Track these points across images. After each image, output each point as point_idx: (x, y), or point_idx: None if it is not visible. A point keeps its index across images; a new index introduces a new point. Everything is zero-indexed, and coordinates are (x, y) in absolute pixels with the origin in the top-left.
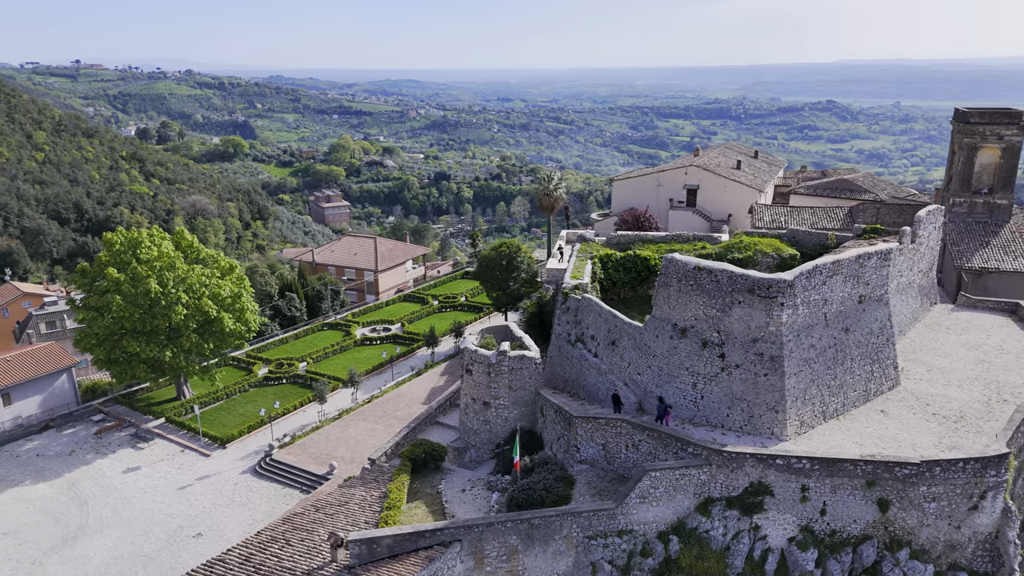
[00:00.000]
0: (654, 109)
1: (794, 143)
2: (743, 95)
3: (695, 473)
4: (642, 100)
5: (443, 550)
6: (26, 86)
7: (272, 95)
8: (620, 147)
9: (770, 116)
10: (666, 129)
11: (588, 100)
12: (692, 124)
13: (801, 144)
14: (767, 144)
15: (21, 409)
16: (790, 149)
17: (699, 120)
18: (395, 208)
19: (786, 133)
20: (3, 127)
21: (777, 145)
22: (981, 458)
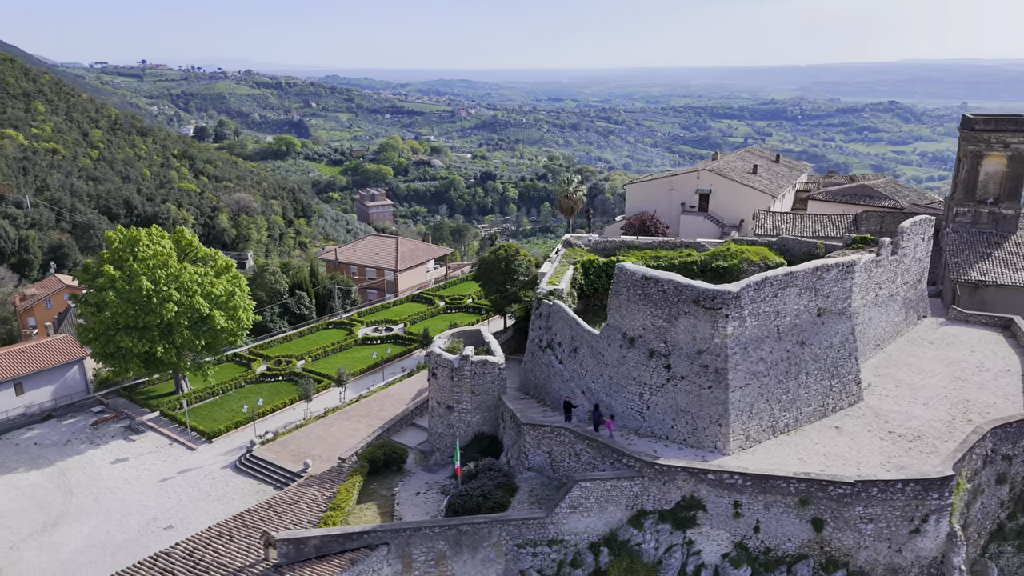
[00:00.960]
0: (707, 109)
1: (852, 145)
2: (800, 95)
3: (627, 485)
4: (695, 100)
5: (369, 553)
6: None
7: (327, 95)
8: (671, 148)
9: (828, 117)
10: (719, 130)
11: (640, 100)
12: (746, 125)
13: (860, 146)
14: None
15: (33, 398)
16: (848, 151)
17: (753, 121)
18: (441, 207)
19: (844, 135)
20: (61, 125)
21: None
22: (922, 480)
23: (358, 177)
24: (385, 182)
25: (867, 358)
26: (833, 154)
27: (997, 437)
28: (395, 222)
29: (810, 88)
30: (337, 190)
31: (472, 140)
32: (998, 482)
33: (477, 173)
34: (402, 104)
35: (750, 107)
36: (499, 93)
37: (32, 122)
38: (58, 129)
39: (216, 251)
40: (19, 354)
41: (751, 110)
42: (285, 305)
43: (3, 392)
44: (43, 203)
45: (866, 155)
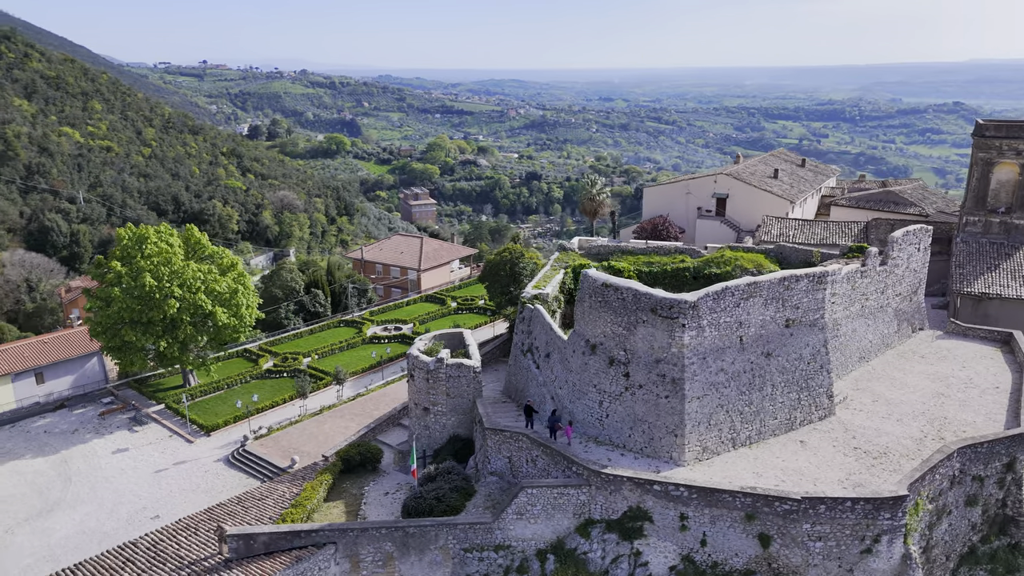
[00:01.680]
0: (761, 110)
1: (913, 147)
2: (859, 96)
3: (574, 493)
4: (749, 100)
5: (316, 551)
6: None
7: (379, 94)
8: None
9: (888, 119)
10: (773, 131)
11: (692, 100)
12: (801, 126)
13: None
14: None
15: (53, 387)
16: (908, 153)
17: (809, 122)
18: (486, 207)
19: (905, 136)
20: (117, 124)
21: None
22: (873, 499)
23: (405, 176)
24: (431, 181)
25: (849, 371)
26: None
27: (966, 457)
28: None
29: (870, 88)
30: (384, 189)
31: (520, 140)
32: (968, 504)
33: (522, 173)
34: (452, 104)
35: (806, 108)
36: (549, 93)
37: (89, 120)
38: (113, 127)
39: (223, 249)
40: (41, 345)
41: (807, 111)
42: (301, 303)
43: (25, 381)
44: (95, 199)
45: (928, 157)
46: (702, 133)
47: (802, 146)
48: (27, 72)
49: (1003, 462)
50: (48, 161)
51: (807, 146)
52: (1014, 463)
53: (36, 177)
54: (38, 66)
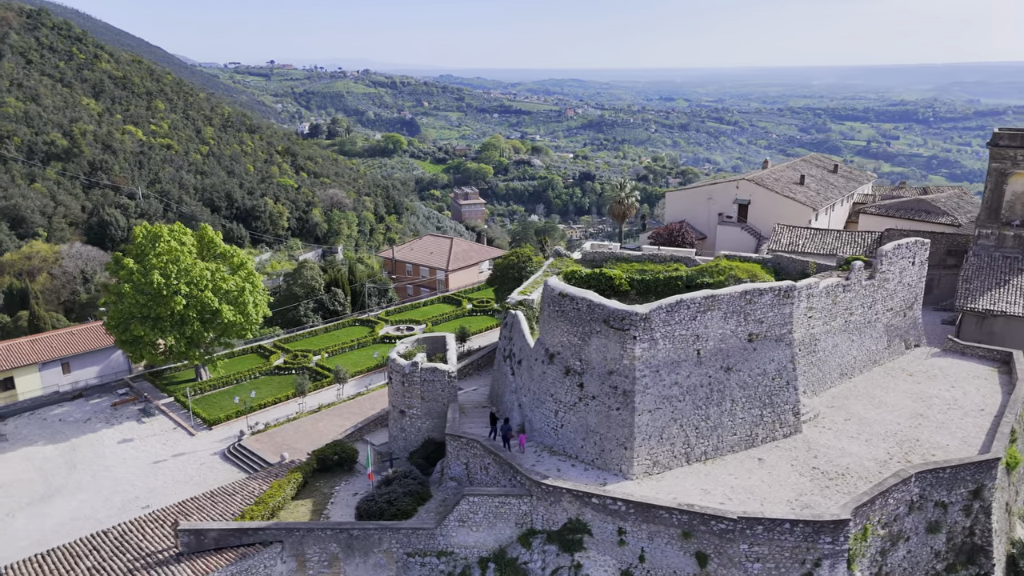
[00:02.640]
0: (828, 111)
1: None
2: (934, 96)
3: (515, 503)
4: (816, 101)
5: (261, 549)
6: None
7: (438, 94)
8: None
9: (964, 120)
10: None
11: (756, 100)
12: (870, 127)
13: None
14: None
15: (79, 376)
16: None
17: (879, 123)
18: (538, 207)
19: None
20: (178, 122)
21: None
22: (812, 522)
23: (459, 175)
24: (485, 180)
25: (828, 387)
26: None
27: (926, 482)
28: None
29: (946, 88)
30: (439, 188)
31: (577, 140)
32: (930, 531)
33: (576, 173)
34: (510, 103)
35: (876, 108)
36: (609, 92)
37: (151, 119)
38: (174, 126)
39: (235, 248)
40: (69, 336)
41: (877, 111)
42: (320, 301)
43: (52, 370)
44: (153, 195)
45: None
46: (764, 134)
47: (870, 148)
48: (96, 72)
49: (969, 489)
50: (111, 158)
51: (876, 148)
52: (981, 490)
53: (99, 173)
54: (106, 66)
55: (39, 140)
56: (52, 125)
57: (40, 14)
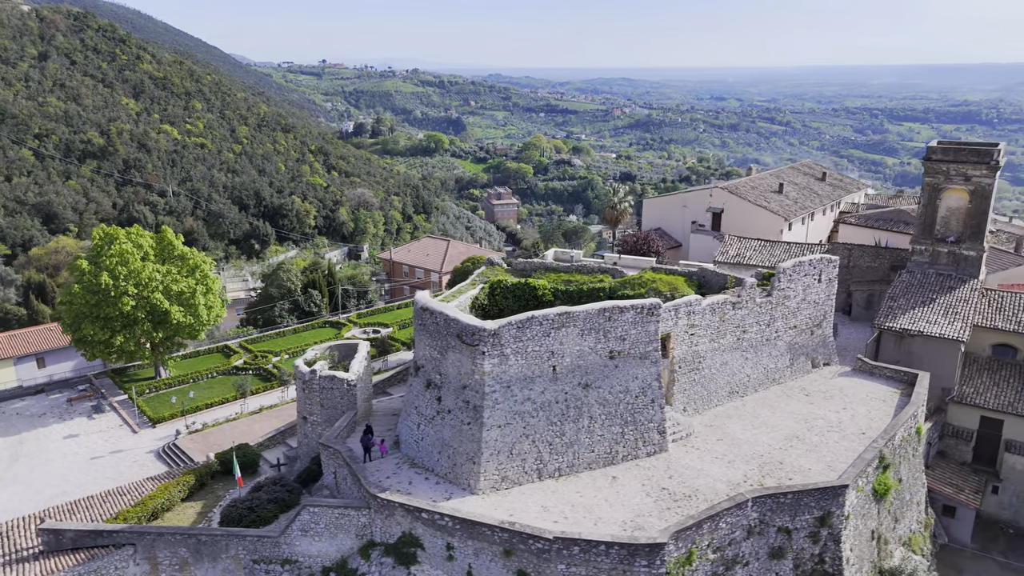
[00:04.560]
0: (886, 111)
1: None
2: (1000, 97)
3: (354, 514)
4: (873, 101)
5: (113, 551)
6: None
7: (486, 93)
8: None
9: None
10: (898, 134)
11: (811, 100)
12: (931, 129)
13: None
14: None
15: (53, 371)
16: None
17: (939, 124)
18: (577, 207)
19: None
20: (214, 122)
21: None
22: (628, 544)
23: (499, 175)
24: (524, 180)
25: (714, 406)
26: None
27: (766, 507)
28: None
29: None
30: (478, 187)
31: (623, 139)
32: (772, 556)
33: (617, 173)
34: (557, 103)
35: (937, 109)
36: (659, 92)
37: (187, 119)
38: (209, 125)
39: (193, 251)
40: (47, 332)
41: (938, 112)
42: (296, 302)
43: (27, 364)
44: (184, 192)
45: None
46: (817, 135)
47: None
48: (137, 73)
49: (814, 515)
50: (145, 156)
51: None
52: (828, 517)
53: (132, 171)
54: (148, 67)
55: (76, 139)
56: (90, 124)
57: (86, 16)
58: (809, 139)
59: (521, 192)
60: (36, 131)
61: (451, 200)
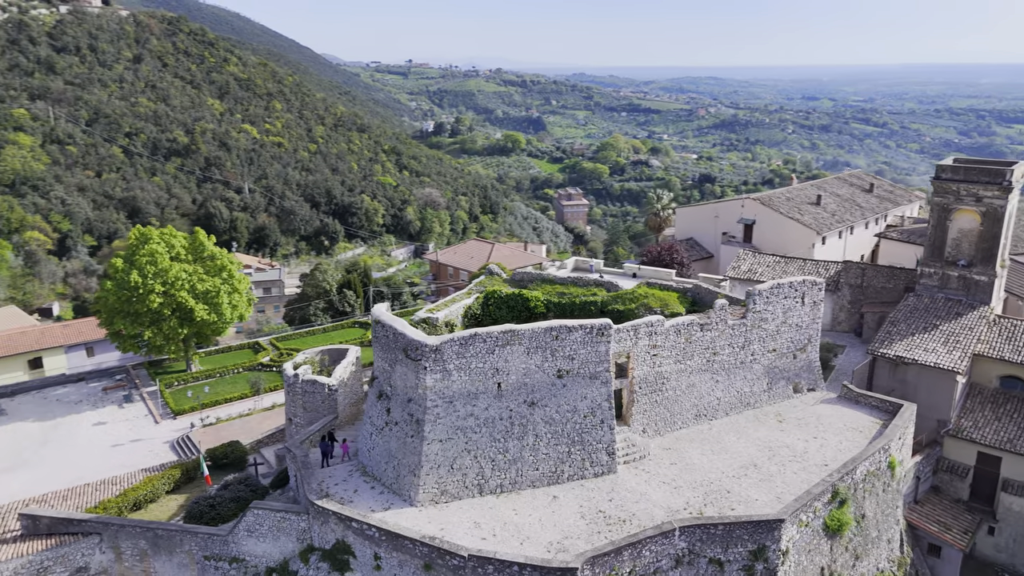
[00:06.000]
0: (995, 113)
1: None
2: None
3: (295, 519)
4: (982, 102)
5: (81, 538)
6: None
7: (567, 92)
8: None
9: None
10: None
11: (912, 100)
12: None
13: None
14: None
15: (101, 360)
16: None
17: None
18: None
19: None
20: (292, 122)
21: None
22: (540, 567)
23: (575, 175)
24: (600, 180)
25: (678, 428)
26: None
27: (695, 538)
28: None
29: None
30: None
31: (707, 140)
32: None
33: (696, 175)
34: (639, 102)
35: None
36: (747, 91)
37: (267, 119)
38: (287, 125)
39: (223, 251)
40: (93, 323)
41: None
42: (330, 301)
43: (77, 353)
44: (259, 189)
45: None
46: (917, 137)
47: None
48: (223, 75)
49: (748, 548)
50: (225, 155)
51: None
52: (763, 551)
53: (212, 168)
54: (234, 69)
55: (163, 137)
56: (177, 123)
57: (179, 20)
58: (907, 141)
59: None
60: (127, 130)
61: (521, 200)
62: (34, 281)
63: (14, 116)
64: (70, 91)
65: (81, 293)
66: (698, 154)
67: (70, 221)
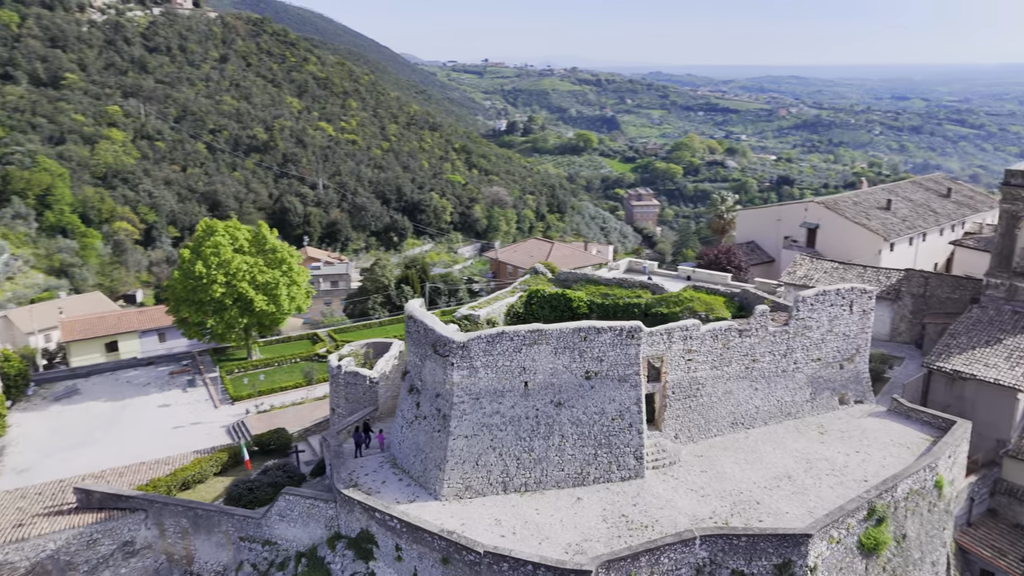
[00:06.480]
0: None
1: None
2: None
3: (323, 506)
4: None
5: (128, 514)
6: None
7: (643, 91)
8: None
9: None
10: None
11: (1012, 101)
12: None
13: None
14: None
15: (172, 345)
16: None
17: None
18: None
19: None
20: (366, 120)
21: None
22: (555, 568)
23: (647, 175)
24: (673, 181)
25: (713, 435)
26: None
27: (717, 548)
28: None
29: None
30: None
31: (787, 140)
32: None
33: (774, 177)
34: (717, 101)
35: None
36: (832, 90)
37: (343, 117)
38: (362, 123)
39: (284, 245)
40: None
41: None
42: (388, 296)
43: (151, 338)
44: (333, 186)
45: None
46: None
47: None
48: (303, 74)
49: (772, 562)
50: (301, 151)
51: None
52: (789, 566)
53: (289, 165)
54: (313, 68)
55: (244, 134)
56: (257, 121)
57: (263, 22)
58: (1006, 144)
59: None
60: (211, 126)
61: (590, 200)
62: (120, 269)
63: (108, 113)
64: (160, 89)
65: (163, 282)
66: (777, 155)
67: (156, 213)
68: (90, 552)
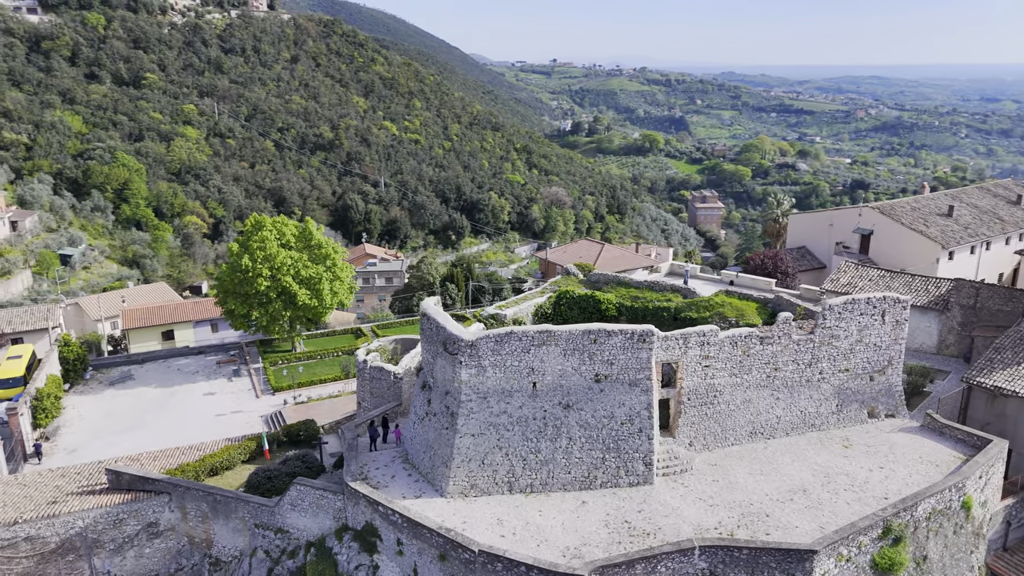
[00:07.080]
0: None
1: None
2: None
3: (332, 498)
4: None
5: (153, 496)
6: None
7: (713, 91)
8: None
9: None
10: None
11: None
12: None
13: None
14: None
15: (224, 335)
16: None
17: None
18: None
19: None
20: (429, 120)
21: None
22: (548, 571)
23: (714, 177)
24: (741, 183)
25: (730, 444)
26: None
27: (717, 559)
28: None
29: None
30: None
31: (865, 143)
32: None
33: (848, 180)
34: (791, 103)
35: None
36: (916, 91)
37: (407, 116)
38: (425, 123)
39: (329, 240)
40: None
41: None
42: (433, 293)
43: (203, 328)
44: (394, 184)
45: None
46: None
47: None
48: (369, 74)
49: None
50: (365, 150)
51: None
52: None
53: (352, 163)
54: (380, 69)
55: (310, 132)
56: (324, 120)
57: (333, 23)
58: None
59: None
60: (279, 125)
61: (652, 202)
62: (188, 261)
63: (184, 111)
64: (234, 89)
65: None
66: (852, 158)
67: (224, 208)
68: (116, 531)
